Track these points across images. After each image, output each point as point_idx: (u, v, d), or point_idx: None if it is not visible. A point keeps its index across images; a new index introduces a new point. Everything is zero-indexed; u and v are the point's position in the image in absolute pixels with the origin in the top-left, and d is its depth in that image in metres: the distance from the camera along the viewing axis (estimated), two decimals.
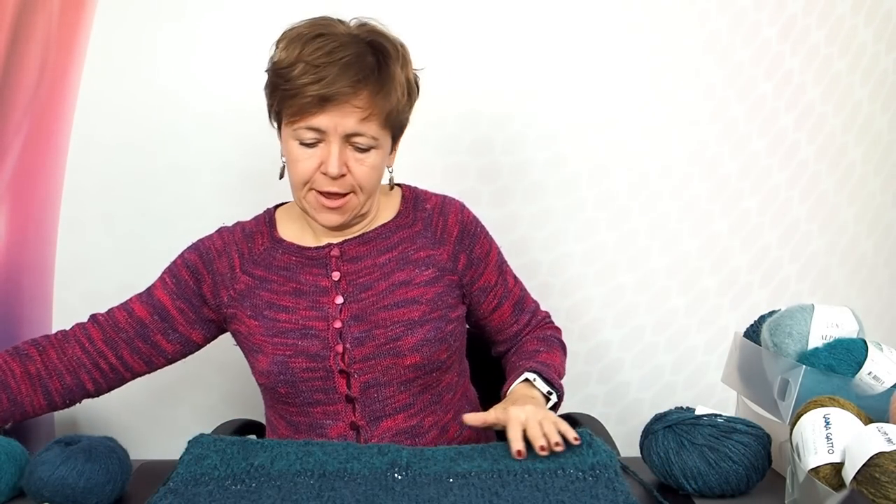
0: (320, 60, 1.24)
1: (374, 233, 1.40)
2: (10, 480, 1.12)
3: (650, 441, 1.17)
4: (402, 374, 1.34)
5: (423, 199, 1.44)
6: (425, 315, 1.36)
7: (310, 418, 1.36)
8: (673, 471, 1.13)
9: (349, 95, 1.25)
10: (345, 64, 1.24)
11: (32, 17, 1.83)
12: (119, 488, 1.11)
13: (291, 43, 1.28)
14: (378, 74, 1.27)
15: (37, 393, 1.34)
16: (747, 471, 1.12)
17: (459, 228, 1.42)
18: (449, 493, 1.06)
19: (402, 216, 1.42)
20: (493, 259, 1.45)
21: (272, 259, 1.40)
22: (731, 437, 1.12)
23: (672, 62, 1.95)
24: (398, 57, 1.30)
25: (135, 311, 1.40)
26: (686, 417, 1.16)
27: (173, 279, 1.41)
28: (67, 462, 1.08)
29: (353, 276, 1.37)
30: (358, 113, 1.26)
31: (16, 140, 1.87)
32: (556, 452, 1.16)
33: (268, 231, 1.43)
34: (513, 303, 1.47)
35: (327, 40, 1.26)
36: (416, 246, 1.40)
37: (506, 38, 1.89)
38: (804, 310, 1.27)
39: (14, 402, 1.31)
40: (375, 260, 1.38)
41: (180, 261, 1.43)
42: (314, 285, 1.37)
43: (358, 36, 1.29)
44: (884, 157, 2.11)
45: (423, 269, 1.38)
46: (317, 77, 1.24)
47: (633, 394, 2.06)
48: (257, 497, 1.07)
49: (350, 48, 1.26)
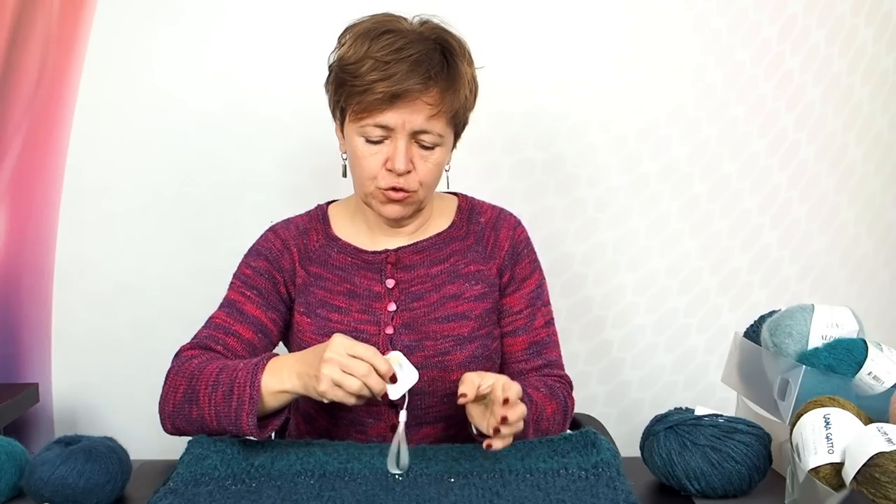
0: (389, 57, 1.23)
1: (427, 242, 1.39)
2: (10, 480, 1.12)
3: (652, 442, 1.16)
4: (447, 388, 1.33)
5: (478, 212, 1.43)
6: (474, 331, 1.35)
7: (353, 414, 1.35)
8: (675, 472, 1.13)
9: (419, 92, 1.24)
10: (414, 61, 1.23)
11: (32, 17, 1.83)
12: (119, 488, 1.11)
13: (358, 39, 1.26)
14: (447, 71, 1.26)
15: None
16: (750, 471, 1.11)
17: (510, 244, 1.40)
18: (450, 492, 1.06)
19: (455, 227, 1.41)
20: (528, 287, 1.40)
21: (327, 257, 1.39)
22: (732, 438, 1.12)
23: (672, 62, 1.95)
24: (464, 54, 1.29)
25: (242, 334, 1.33)
26: (687, 418, 1.15)
27: (254, 291, 1.36)
28: (67, 462, 1.08)
29: (406, 285, 1.36)
30: (427, 110, 1.25)
31: (16, 140, 1.87)
32: (560, 452, 1.16)
33: (322, 228, 1.41)
34: (531, 341, 1.39)
35: (395, 37, 1.25)
36: (467, 260, 1.39)
37: (519, 41, 1.90)
38: (804, 310, 1.27)
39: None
40: (428, 270, 1.37)
41: (249, 270, 1.38)
42: (368, 289, 1.36)
43: (423, 33, 1.27)
44: (884, 157, 2.11)
45: (472, 284, 1.37)
46: (386, 74, 1.22)
47: (634, 394, 2.06)
48: (257, 497, 1.07)
49: (418, 45, 1.24)
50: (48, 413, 1.95)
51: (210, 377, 1.19)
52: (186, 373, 1.22)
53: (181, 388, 1.21)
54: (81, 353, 1.94)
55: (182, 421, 1.22)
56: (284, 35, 1.88)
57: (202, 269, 1.92)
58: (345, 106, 1.29)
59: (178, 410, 1.21)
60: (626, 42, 1.94)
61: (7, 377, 1.93)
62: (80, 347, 1.94)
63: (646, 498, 1.14)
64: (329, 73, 1.32)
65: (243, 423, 1.14)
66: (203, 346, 1.30)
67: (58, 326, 1.94)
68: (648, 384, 2.06)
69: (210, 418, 1.18)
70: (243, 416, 1.14)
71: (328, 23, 1.76)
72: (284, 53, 1.89)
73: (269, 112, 1.89)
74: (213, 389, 1.17)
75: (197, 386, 1.19)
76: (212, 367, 1.20)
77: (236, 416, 1.14)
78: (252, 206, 1.90)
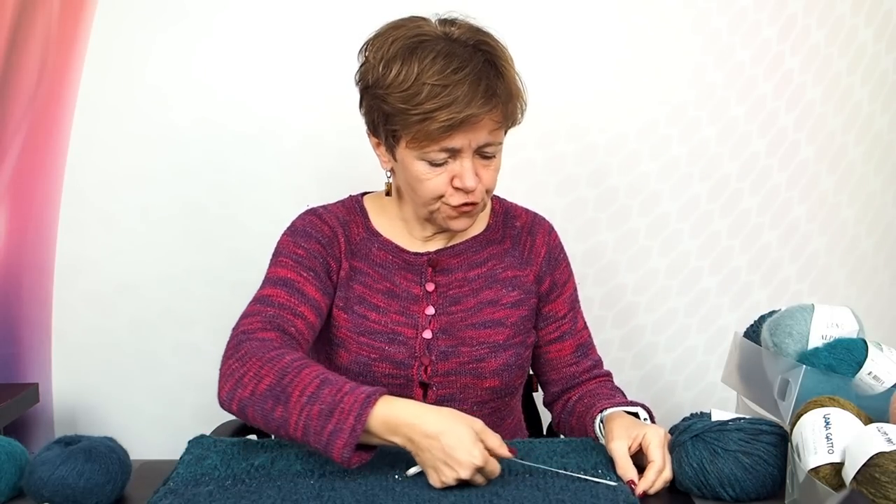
0: (446, 81, 1.18)
1: (464, 245, 1.37)
2: (10, 480, 1.12)
3: (680, 453, 1.12)
4: (478, 395, 1.33)
5: (513, 216, 1.42)
6: (509, 339, 1.34)
7: None
8: (709, 480, 1.09)
9: (484, 114, 1.20)
10: (472, 81, 1.19)
11: (32, 17, 1.83)
12: (119, 488, 1.11)
13: (399, 59, 1.20)
14: (503, 83, 1.22)
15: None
16: (781, 472, 1.09)
17: (546, 250, 1.40)
18: (450, 492, 1.06)
19: (491, 230, 1.40)
20: (567, 291, 1.42)
21: (369, 252, 1.36)
22: (760, 440, 1.09)
23: (672, 62, 1.95)
24: (505, 55, 1.25)
25: (308, 318, 1.27)
26: (711, 425, 1.12)
27: (312, 273, 1.30)
28: (67, 462, 1.08)
29: (445, 289, 1.35)
30: (491, 125, 1.22)
31: (16, 140, 1.87)
32: (560, 452, 1.17)
33: (362, 221, 1.38)
34: (577, 343, 1.41)
35: (442, 55, 1.19)
36: (504, 265, 1.38)
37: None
38: (804, 310, 1.27)
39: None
40: (466, 274, 1.36)
41: (302, 251, 1.31)
42: (407, 291, 1.35)
43: (465, 42, 1.22)
44: (884, 157, 2.11)
45: (509, 290, 1.36)
46: (448, 100, 1.18)
47: (634, 394, 2.04)
48: (257, 497, 1.06)
49: (469, 60, 1.20)
50: (48, 413, 1.95)
51: (308, 385, 1.09)
52: (275, 364, 1.12)
53: (266, 380, 1.11)
54: (81, 353, 1.94)
55: (257, 413, 1.12)
56: (285, 35, 1.88)
57: (202, 269, 1.92)
58: (401, 134, 1.23)
59: (256, 401, 1.12)
60: (625, 42, 1.94)
61: (7, 377, 1.93)
62: (80, 347, 1.94)
63: (646, 498, 1.14)
64: (368, 95, 1.26)
65: (335, 450, 1.06)
66: (277, 327, 1.21)
67: (58, 326, 1.94)
68: (648, 384, 2.06)
69: (295, 427, 1.09)
70: (338, 443, 1.05)
71: (329, 23, 1.77)
72: (285, 53, 1.89)
73: (270, 112, 1.89)
74: (309, 400, 1.08)
75: (290, 388, 1.10)
76: (309, 373, 1.11)
77: (328, 441, 1.06)
78: (252, 206, 1.90)
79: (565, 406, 1.39)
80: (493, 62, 1.22)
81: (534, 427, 1.65)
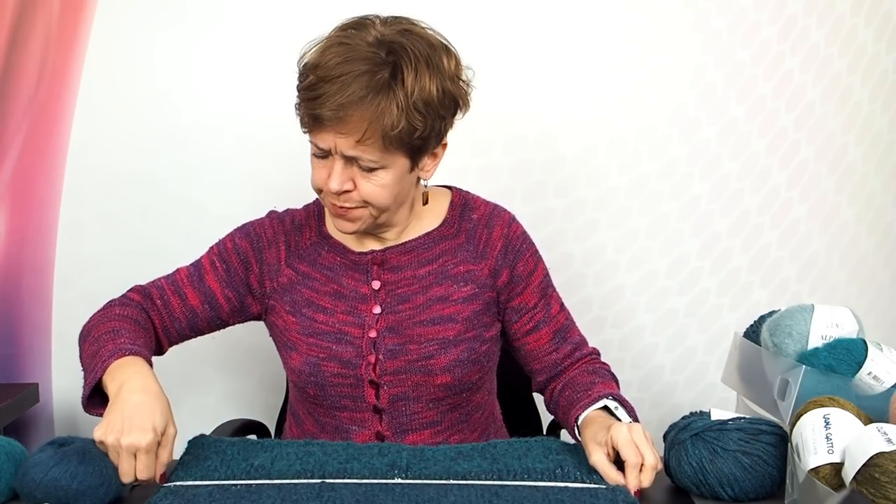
0: (332, 73, 1.17)
1: (416, 241, 1.35)
2: (9, 480, 1.12)
3: (679, 451, 1.12)
4: (431, 392, 1.32)
5: (471, 208, 1.38)
6: (460, 334, 1.32)
7: (336, 421, 1.34)
8: (708, 479, 1.09)
9: (334, 121, 1.16)
10: (341, 84, 1.16)
11: (32, 17, 1.83)
12: (113, 491, 1.09)
13: (318, 45, 1.22)
14: (387, 98, 1.16)
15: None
16: (780, 472, 1.09)
17: (504, 243, 1.36)
18: (449, 493, 1.06)
19: (446, 225, 1.36)
20: (536, 280, 1.37)
21: (317, 256, 1.37)
22: (759, 440, 1.10)
23: (672, 62, 1.95)
24: (420, 68, 1.18)
25: (188, 298, 1.36)
26: (711, 424, 1.12)
27: (224, 265, 1.37)
28: (60, 464, 1.07)
29: (393, 287, 1.34)
30: (348, 137, 1.17)
31: (16, 140, 1.87)
32: (555, 450, 1.17)
33: (316, 225, 1.39)
34: (553, 330, 1.37)
35: (339, 51, 1.18)
36: (457, 260, 1.35)
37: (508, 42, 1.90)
38: (804, 310, 1.27)
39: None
40: (415, 272, 1.34)
41: (230, 244, 1.38)
42: (354, 290, 1.34)
43: (377, 44, 1.18)
44: (884, 157, 2.11)
45: (461, 286, 1.34)
46: (314, 94, 1.17)
47: (633, 394, 2.05)
48: (257, 497, 1.07)
49: (355, 64, 1.16)
50: (48, 413, 1.95)
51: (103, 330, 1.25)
52: (110, 312, 1.31)
53: (95, 319, 1.30)
54: None
55: (80, 341, 1.29)
56: (285, 35, 1.88)
57: None
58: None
59: (82, 334, 1.29)
60: (625, 42, 1.94)
61: (7, 377, 1.93)
62: None
63: (646, 497, 1.14)
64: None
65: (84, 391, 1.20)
66: (148, 294, 1.36)
67: (58, 326, 1.93)
68: (648, 384, 2.06)
69: (83, 361, 1.25)
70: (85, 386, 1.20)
71: (329, 23, 1.76)
72: (285, 53, 1.87)
73: (270, 112, 1.89)
74: (92, 343, 1.23)
75: (94, 329, 1.27)
76: (110, 326, 1.26)
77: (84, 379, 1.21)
78: (252, 206, 1.89)
79: (552, 397, 1.38)
80: (394, 70, 1.17)
81: (534, 427, 1.66)
